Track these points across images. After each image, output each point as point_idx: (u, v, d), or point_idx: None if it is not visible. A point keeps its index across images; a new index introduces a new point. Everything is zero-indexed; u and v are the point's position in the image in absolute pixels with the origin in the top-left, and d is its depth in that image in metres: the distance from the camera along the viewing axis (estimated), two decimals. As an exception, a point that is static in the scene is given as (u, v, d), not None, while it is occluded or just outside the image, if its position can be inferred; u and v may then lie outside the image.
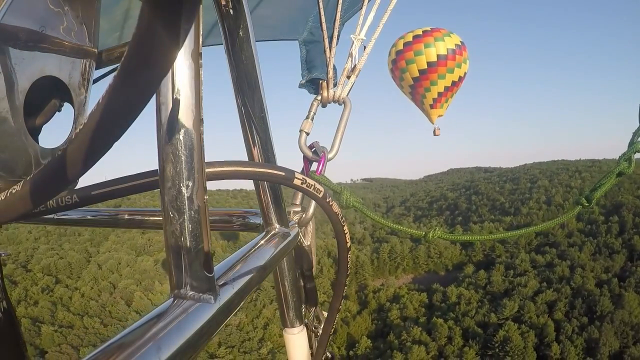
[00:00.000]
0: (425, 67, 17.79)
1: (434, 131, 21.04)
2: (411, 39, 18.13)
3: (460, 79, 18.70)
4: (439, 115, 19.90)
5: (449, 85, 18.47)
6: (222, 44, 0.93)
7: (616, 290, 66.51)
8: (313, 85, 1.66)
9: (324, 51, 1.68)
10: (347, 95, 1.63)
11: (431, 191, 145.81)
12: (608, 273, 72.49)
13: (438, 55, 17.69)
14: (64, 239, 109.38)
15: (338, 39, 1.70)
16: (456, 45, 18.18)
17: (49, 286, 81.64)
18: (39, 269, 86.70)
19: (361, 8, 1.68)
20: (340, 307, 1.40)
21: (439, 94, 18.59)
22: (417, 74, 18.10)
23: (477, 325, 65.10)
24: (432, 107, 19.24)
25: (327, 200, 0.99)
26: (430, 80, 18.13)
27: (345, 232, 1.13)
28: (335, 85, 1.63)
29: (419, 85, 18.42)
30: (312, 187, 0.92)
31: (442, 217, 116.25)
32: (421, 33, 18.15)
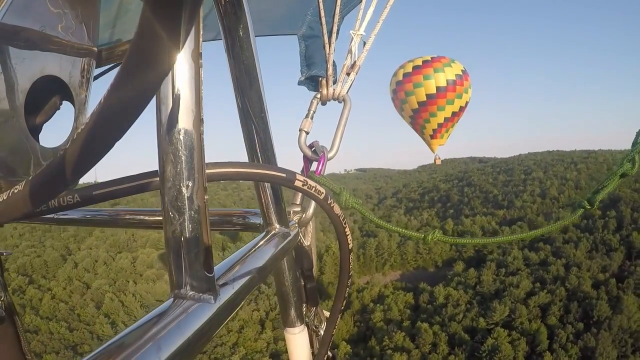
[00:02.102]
0: (424, 99, 17.37)
1: (435, 160, 20.42)
2: (410, 70, 17.66)
3: (461, 109, 18.17)
4: (440, 145, 19.25)
5: (449, 116, 17.93)
6: (220, 39, 0.92)
7: (614, 292, 60.48)
8: (312, 82, 1.60)
9: (324, 47, 1.62)
10: (347, 92, 1.57)
11: (424, 182, 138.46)
12: (605, 273, 66.20)
13: (437, 88, 17.23)
14: (47, 234, 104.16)
15: (338, 33, 1.64)
16: (457, 75, 17.53)
17: (21, 287, 76.20)
18: (14, 269, 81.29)
19: (361, 1, 1.62)
20: (342, 307, 1.36)
21: (439, 124, 18.10)
22: (416, 106, 17.71)
23: (465, 330, 59.18)
24: (432, 137, 18.75)
25: (329, 201, 0.97)
26: (429, 112, 17.73)
27: (347, 233, 1.10)
28: (334, 82, 1.57)
29: (418, 117, 18.05)
30: (313, 189, 0.90)
31: (433, 210, 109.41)
32: (421, 63, 17.51)
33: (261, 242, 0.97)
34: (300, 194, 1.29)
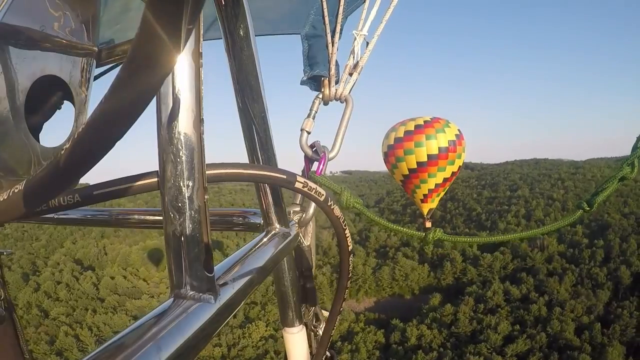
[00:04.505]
0: (415, 166, 15.50)
1: (425, 223, 18.03)
2: (402, 135, 15.65)
3: (453, 174, 16.23)
4: (430, 209, 17.14)
5: (440, 182, 15.93)
6: (221, 38, 0.91)
7: (598, 338, 53.94)
8: (315, 82, 1.56)
9: (326, 46, 1.58)
10: (349, 93, 1.54)
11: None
12: (590, 315, 59.54)
13: (429, 156, 15.27)
14: (19, 244, 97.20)
15: (341, 33, 1.61)
16: (450, 141, 15.33)
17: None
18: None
19: (364, 1, 1.58)
20: (342, 308, 1.35)
21: (429, 190, 16.18)
22: (406, 172, 15.75)
23: (435, 384, 52.86)
24: (422, 201, 16.73)
25: (329, 203, 0.95)
26: (420, 179, 15.83)
27: (347, 235, 1.08)
28: (337, 82, 1.54)
29: (409, 182, 16.19)
30: (314, 191, 0.88)
31: (414, 226, 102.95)
32: (413, 129, 15.49)
33: (261, 242, 0.95)
34: (300, 194, 1.23)
